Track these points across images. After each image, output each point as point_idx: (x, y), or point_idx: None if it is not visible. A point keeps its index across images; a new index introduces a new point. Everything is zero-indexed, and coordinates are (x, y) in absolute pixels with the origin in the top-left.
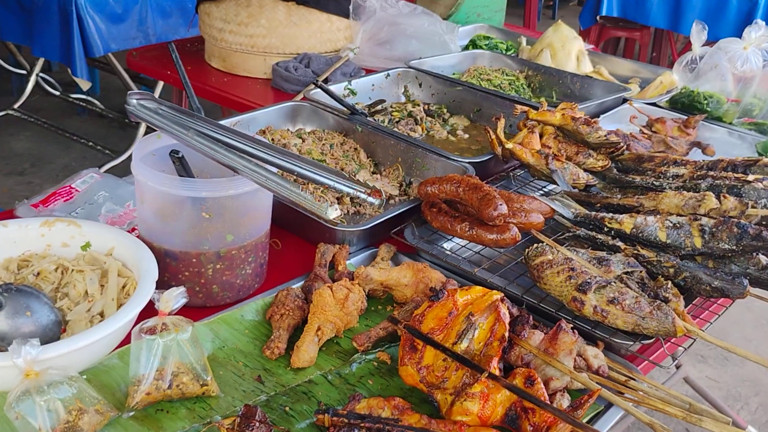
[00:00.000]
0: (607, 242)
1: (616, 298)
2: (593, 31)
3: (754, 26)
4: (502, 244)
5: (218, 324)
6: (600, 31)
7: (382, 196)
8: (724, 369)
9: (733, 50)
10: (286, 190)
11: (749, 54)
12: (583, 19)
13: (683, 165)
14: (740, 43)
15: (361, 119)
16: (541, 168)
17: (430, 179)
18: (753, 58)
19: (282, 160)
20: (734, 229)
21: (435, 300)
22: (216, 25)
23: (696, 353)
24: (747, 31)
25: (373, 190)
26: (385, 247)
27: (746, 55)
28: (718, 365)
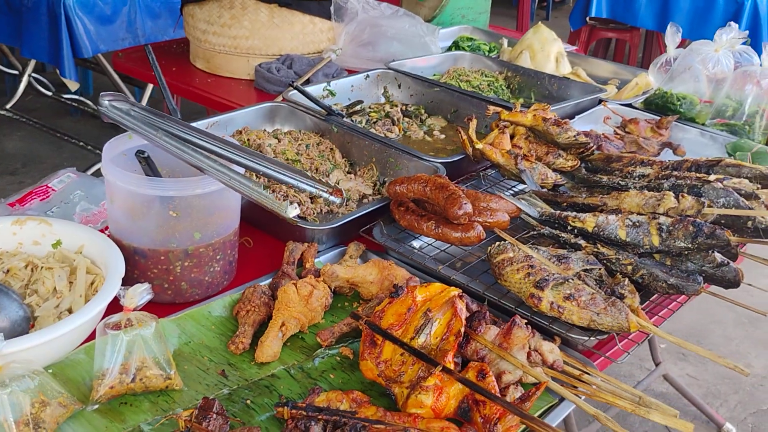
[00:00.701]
0: (570, 240)
1: (572, 295)
2: (583, 32)
3: (725, 29)
4: (467, 242)
5: (185, 320)
6: (590, 33)
7: (342, 195)
8: (704, 367)
9: (705, 52)
10: (248, 189)
11: (720, 56)
12: (573, 20)
13: (650, 165)
14: (712, 45)
15: (337, 120)
16: (511, 168)
17: (398, 179)
18: (724, 60)
19: (248, 159)
20: (690, 228)
21: (395, 297)
22: (199, 26)
23: (677, 351)
24: (718, 33)
25: (334, 189)
26: (354, 246)
27: (717, 57)
28: (699, 363)
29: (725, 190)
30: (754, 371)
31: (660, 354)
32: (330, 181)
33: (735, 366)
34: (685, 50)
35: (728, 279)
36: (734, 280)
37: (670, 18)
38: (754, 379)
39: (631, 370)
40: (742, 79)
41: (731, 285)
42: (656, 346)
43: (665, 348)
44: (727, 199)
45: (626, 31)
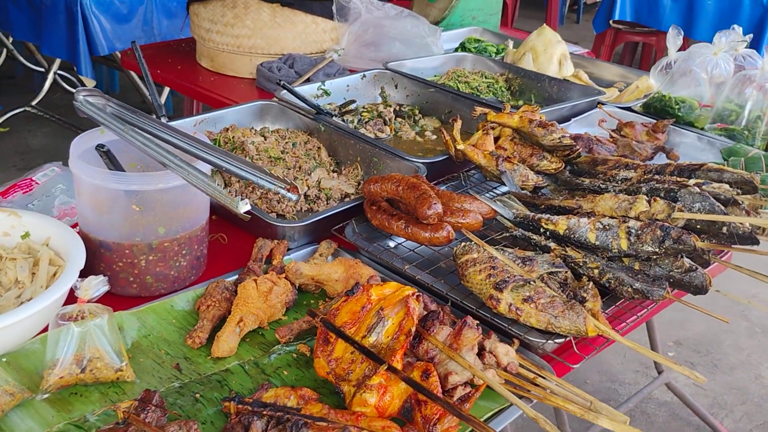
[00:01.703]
0: (540, 243)
1: (531, 297)
2: (608, 35)
3: (725, 32)
4: (436, 243)
5: (146, 313)
6: (615, 36)
7: (298, 192)
8: (712, 376)
9: (704, 55)
10: (204, 184)
11: (719, 59)
12: (596, 23)
13: (634, 169)
14: (711, 48)
15: (325, 119)
16: (492, 169)
17: (373, 178)
18: (723, 63)
19: (210, 155)
20: (657, 232)
21: (350, 295)
22: (204, 25)
23: (685, 360)
24: (717, 36)
25: (291, 186)
26: (326, 244)
27: (716, 60)
28: (707, 372)
29: (701, 194)
30: (764, 382)
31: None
32: (312, 179)
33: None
34: (684, 53)
35: (695, 285)
36: (701, 286)
37: (695, 21)
38: (763, 390)
39: (636, 377)
40: (743, 83)
41: (699, 291)
42: (659, 350)
43: (673, 356)
44: (702, 204)
45: (652, 35)
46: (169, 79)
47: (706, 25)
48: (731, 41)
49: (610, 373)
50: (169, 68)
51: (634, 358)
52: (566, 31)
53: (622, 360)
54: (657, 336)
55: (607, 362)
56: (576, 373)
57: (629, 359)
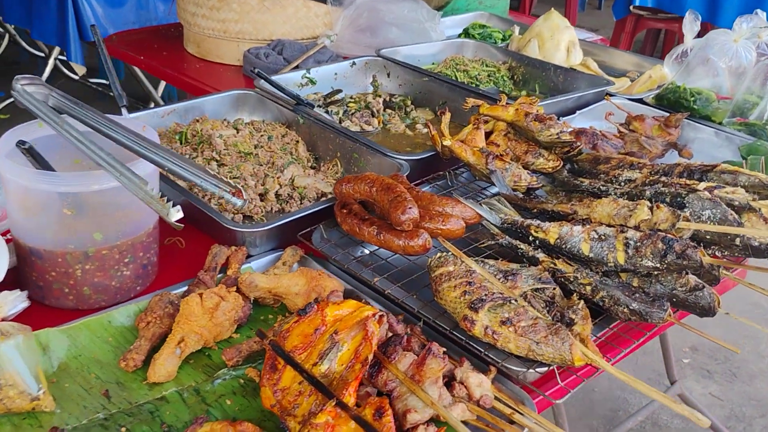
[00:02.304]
0: (528, 253)
1: (510, 319)
2: (629, 21)
3: (747, 17)
4: (411, 252)
5: (79, 330)
6: (636, 22)
7: (243, 197)
8: (730, 386)
9: (722, 43)
10: (135, 187)
11: (739, 47)
12: (616, 9)
13: (639, 169)
14: (730, 35)
15: (305, 110)
16: (482, 168)
17: (346, 177)
18: (744, 51)
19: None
20: (659, 245)
21: (303, 314)
22: (189, 9)
23: (702, 368)
24: (738, 22)
25: (236, 190)
26: (291, 251)
27: (736, 48)
28: (725, 381)
29: (712, 201)
30: None
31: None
32: (284, 177)
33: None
34: (701, 40)
35: (701, 306)
36: (708, 307)
37: (719, 7)
38: None
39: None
40: (765, 73)
41: (705, 313)
42: (672, 363)
43: (689, 363)
44: (713, 212)
45: (675, 21)
46: (153, 66)
47: (731, 11)
48: (753, 27)
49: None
50: (155, 54)
51: (646, 364)
52: (587, 17)
53: (634, 367)
54: (670, 341)
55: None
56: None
57: (641, 366)
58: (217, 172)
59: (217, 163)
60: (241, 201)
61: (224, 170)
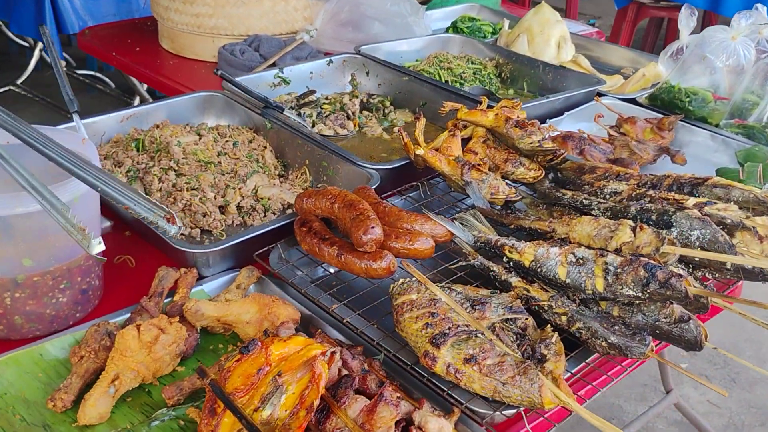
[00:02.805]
0: (500, 277)
1: (475, 356)
2: (630, 10)
3: (745, 13)
4: (374, 275)
5: (5, 365)
6: (638, 11)
7: (176, 223)
8: (729, 393)
9: (719, 40)
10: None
11: (737, 45)
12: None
13: (625, 180)
14: (728, 32)
15: (273, 114)
16: (457, 179)
17: (307, 191)
18: (742, 49)
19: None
20: (640, 272)
21: (245, 352)
22: (162, 2)
23: (700, 373)
24: (736, 18)
25: (169, 216)
26: (247, 272)
27: (734, 46)
28: (723, 387)
29: (701, 220)
30: None
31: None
32: (247, 187)
33: None
34: (697, 37)
35: (687, 339)
36: (695, 341)
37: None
38: None
39: (644, 392)
40: (765, 72)
41: (691, 347)
42: (668, 371)
43: (687, 367)
44: (702, 232)
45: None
46: (124, 63)
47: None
48: (752, 24)
49: (615, 387)
50: (127, 50)
51: (643, 370)
52: (589, 5)
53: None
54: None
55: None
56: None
57: (638, 372)
58: (175, 182)
59: (175, 172)
60: (175, 228)
61: (182, 181)
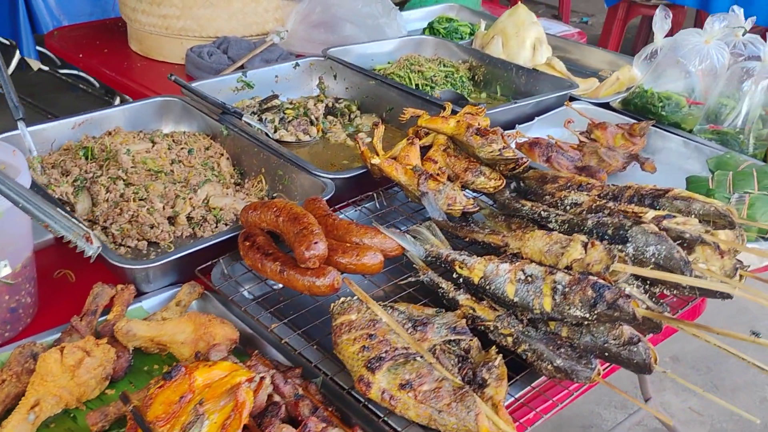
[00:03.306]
0: (448, 294)
1: (411, 382)
2: (620, 8)
3: (719, 16)
4: (317, 292)
5: None
6: (628, 8)
7: (92, 242)
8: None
9: (692, 44)
10: None
11: (711, 49)
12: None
13: (588, 190)
14: (701, 36)
15: (231, 120)
16: (414, 189)
17: (253, 204)
18: (715, 53)
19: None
20: (588, 292)
21: (168, 378)
22: (129, 3)
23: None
24: (709, 21)
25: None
26: (188, 288)
27: (707, 49)
28: None
29: (657, 235)
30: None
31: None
32: (197, 197)
33: None
34: (670, 40)
35: (636, 362)
36: (644, 364)
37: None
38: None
39: (624, 399)
40: (740, 77)
41: (640, 370)
42: (646, 379)
43: None
44: (657, 248)
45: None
46: (90, 65)
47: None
48: (725, 27)
49: (594, 394)
50: (95, 52)
51: (624, 377)
52: (582, 3)
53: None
54: None
55: None
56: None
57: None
58: (123, 192)
59: (123, 182)
60: (92, 248)
61: (130, 191)
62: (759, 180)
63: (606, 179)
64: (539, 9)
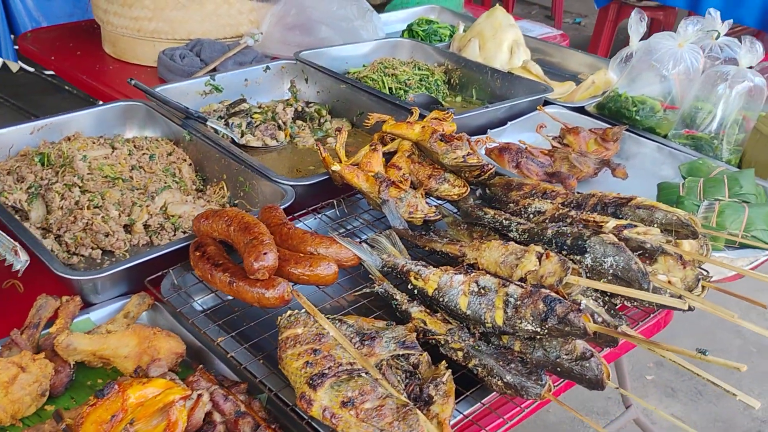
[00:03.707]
0: (401, 306)
1: (353, 399)
2: (611, 9)
3: (693, 19)
4: (266, 304)
5: None
6: (619, 10)
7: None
8: (695, 406)
9: (666, 47)
10: None
11: (684, 52)
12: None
13: (552, 198)
14: (675, 39)
15: (194, 125)
16: (375, 196)
17: (205, 212)
18: (689, 57)
19: None
20: (539, 306)
21: (100, 396)
22: (101, 5)
23: (666, 385)
24: (683, 24)
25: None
26: (138, 299)
27: (680, 53)
28: (689, 401)
29: (615, 246)
30: (754, 413)
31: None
32: (156, 204)
33: None
34: (644, 43)
35: (588, 378)
36: (596, 380)
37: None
38: (752, 423)
39: (606, 406)
40: (714, 81)
41: (593, 386)
42: (627, 385)
43: (652, 380)
44: (615, 259)
45: (659, 9)
46: (62, 68)
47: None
48: (699, 30)
49: (578, 399)
50: (68, 54)
51: None
52: (576, 3)
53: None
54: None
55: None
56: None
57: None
58: (78, 199)
59: (79, 189)
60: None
61: (85, 198)
62: (730, 187)
63: (576, 185)
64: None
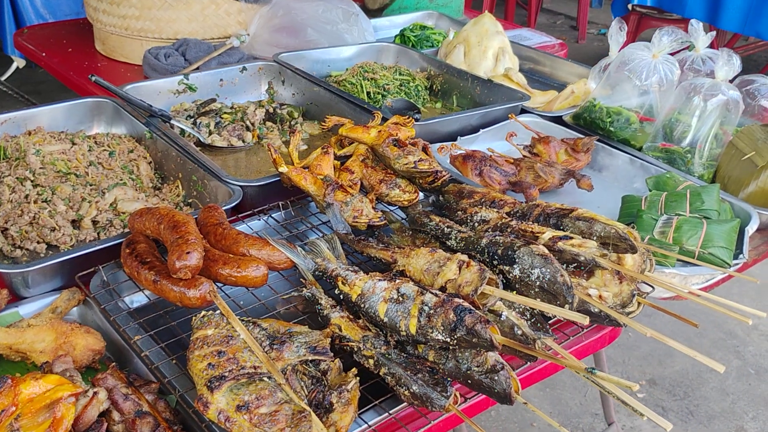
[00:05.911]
0: (323, 311)
1: (248, 404)
2: (631, 20)
3: (669, 29)
4: (188, 304)
5: None
6: (638, 21)
7: None
8: (685, 426)
9: (640, 58)
10: None
11: (659, 63)
12: (615, 8)
13: (499, 207)
14: (649, 50)
15: (156, 123)
16: (321, 199)
17: (140, 210)
18: (664, 68)
19: None
20: (450, 315)
21: None
22: (92, 3)
23: (657, 404)
24: (657, 35)
25: None
26: (68, 294)
27: (655, 64)
28: (680, 421)
29: (543, 258)
30: None
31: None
32: (107, 200)
33: None
34: (620, 54)
35: (496, 392)
36: (504, 394)
37: (722, 9)
38: None
39: (593, 422)
40: (688, 93)
41: (501, 400)
42: (610, 402)
43: (643, 398)
44: (542, 271)
45: (679, 21)
46: (51, 64)
47: (733, 14)
48: (673, 41)
49: (565, 414)
50: (59, 50)
51: (596, 397)
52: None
53: (582, 400)
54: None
55: (564, 401)
56: (523, 408)
57: (590, 399)
58: (28, 193)
59: (31, 183)
60: None
61: (34, 192)
62: (692, 202)
63: (538, 195)
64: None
